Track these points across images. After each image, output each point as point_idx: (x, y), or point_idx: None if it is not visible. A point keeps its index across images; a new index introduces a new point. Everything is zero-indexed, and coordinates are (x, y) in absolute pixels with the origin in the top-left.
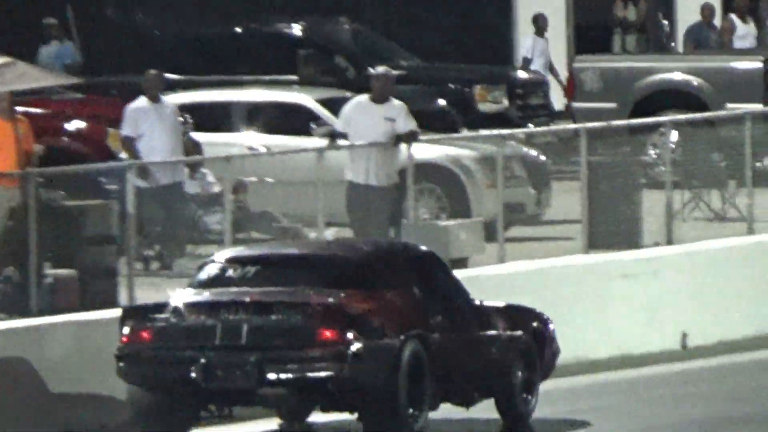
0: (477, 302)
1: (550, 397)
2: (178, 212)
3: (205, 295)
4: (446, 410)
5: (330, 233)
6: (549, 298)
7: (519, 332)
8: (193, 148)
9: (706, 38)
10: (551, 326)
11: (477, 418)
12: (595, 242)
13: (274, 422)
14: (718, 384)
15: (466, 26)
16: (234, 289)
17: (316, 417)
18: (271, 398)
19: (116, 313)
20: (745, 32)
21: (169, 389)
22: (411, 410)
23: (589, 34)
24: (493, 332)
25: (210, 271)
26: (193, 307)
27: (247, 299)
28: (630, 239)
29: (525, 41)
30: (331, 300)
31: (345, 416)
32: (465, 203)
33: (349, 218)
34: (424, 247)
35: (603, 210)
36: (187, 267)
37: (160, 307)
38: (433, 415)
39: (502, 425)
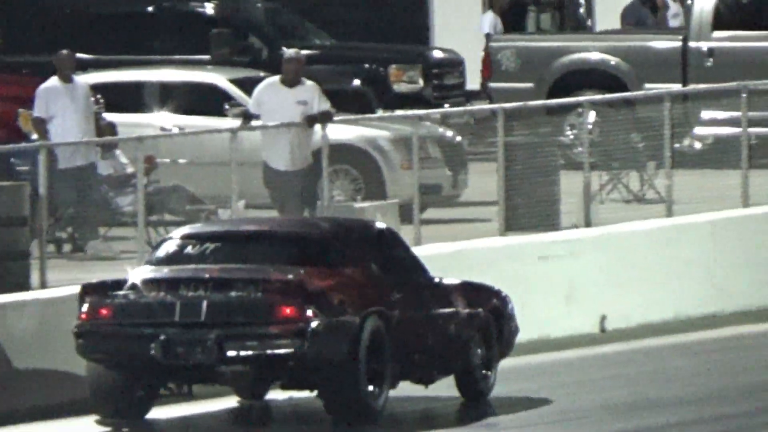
0: (436, 279)
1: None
2: (90, 194)
3: (164, 272)
4: (405, 389)
5: (241, 204)
6: None
7: (478, 310)
8: (110, 129)
9: (644, 17)
10: (510, 304)
11: (436, 396)
12: (512, 224)
13: (233, 400)
14: (639, 367)
15: (381, 5)
16: (193, 266)
17: (275, 395)
18: (230, 375)
19: (27, 296)
20: (677, 11)
21: (128, 366)
22: (371, 388)
23: (506, 13)
24: (452, 309)
25: (168, 247)
26: (152, 283)
27: (207, 276)
28: (548, 221)
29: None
30: (290, 277)
31: (305, 394)
32: (380, 185)
33: (270, 198)
34: (383, 225)
35: (520, 191)
36: (99, 249)
37: (119, 283)
38: (392, 393)
39: (462, 403)
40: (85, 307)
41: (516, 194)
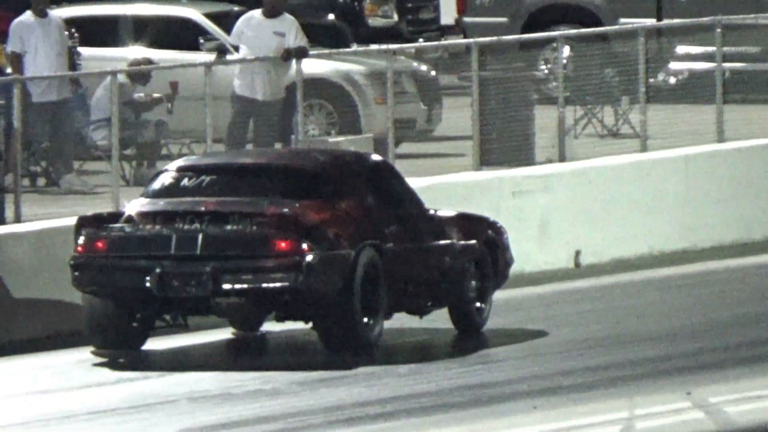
0: (431, 212)
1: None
2: (64, 129)
3: (160, 205)
4: (400, 319)
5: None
6: None
7: (473, 241)
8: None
9: None
10: (505, 235)
11: (431, 328)
12: (486, 159)
13: (229, 332)
14: (613, 302)
15: None
16: (189, 199)
17: (271, 326)
18: (225, 308)
19: (23, 227)
20: None
21: (124, 298)
22: (366, 319)
23: None
24: (446, 241)
25: (164, 180)
26: (148, 216)
27: (203, 209)
28: (522, 156)
29: None
30: (286, 210)
31: (300, 326)
32: (355, 119)
33: (228, 130)
34: (378, 157)
35: (494, 126)
36: (73, 183)
37: (115, 216)
38: (387, 324)
39: (456, 334)
40: (81, 240)
41: (490, 129)
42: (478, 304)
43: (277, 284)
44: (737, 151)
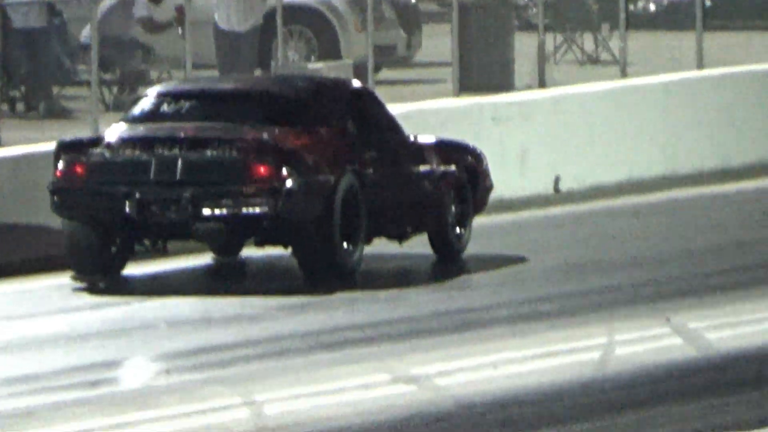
0: (411, 138)
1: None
2: (44, 54)
3: (140, 130)
4: (380, 245)
5: None
6: None
7: (452, 167)
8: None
9: None
10: (485, 161)
11: (410, 253)
12: (466, 85)
13: (208, 257)
14: (592, 228)
15: None
16: (169, 125)
17: (250, 251)
18: (205, 233)
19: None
20: None
21: (104, 224)
22: (345, 245)
23: None
24: (426, 167)
25: (144, 105)
26: (127, 141)
27: (182, 134)
28: (502, 82)
29: None
30: (265, 136)
31: (279, 251)
32: (335, 45)
33: (217, 61)
34: (358, 83)
35: (474, 52)
36: (52, 108)
37: (95, 141)
38: (367, 249)
39: (435, 260)
40: (60, 165)
41: (470, 55)
42: (457, 230)
43: (257, 210)
44: (717, 78)
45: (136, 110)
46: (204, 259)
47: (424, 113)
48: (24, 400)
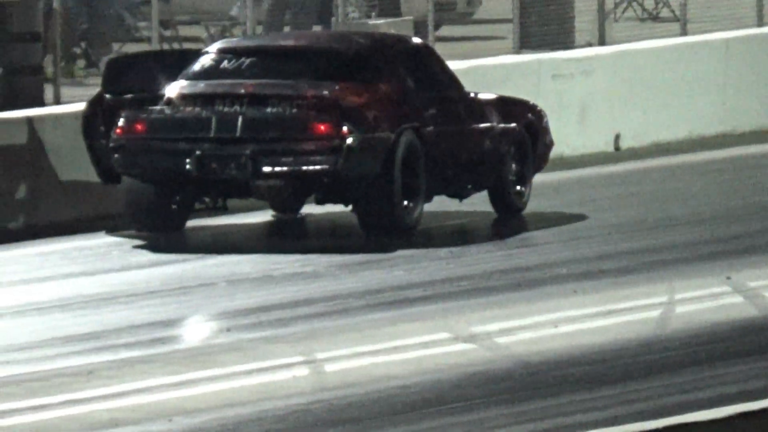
0: (471, 95)
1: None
2: (104, 10)
3: (200, 87)
4: (440, 203)
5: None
6: None
7: (513, 124)
8: None
9: None
10: (545, 118)
11: (470, 211)
12: (526, 42)
13: (268, 214)
14: (653, 186)
15: None
16: (229, 81)
17: (310, 209)
18: (265, 190)
19: (62, 109)
20: None
21: (164, 181)
22: (405, 202)
23: None
24: (486, 124)
25: (204, 62)
26: (187, 98)
27: (242, 91)
28: (562, 39)
29: None
30: (326, 93)
31: (339, 208)
32: (395, 2)
33: (266, 16)
34: (418, 40)
35: (535, 9)
36: None
37: (155, 98)
38: (427, 207)
39: (496, 218)
40: (120, 122)
41: (530, 12)
42: (518, 188)
43: (317, 167)
44: None
45: (197, 67)
46: (264, 216)
47: (484, 70)
48: (85, 358)
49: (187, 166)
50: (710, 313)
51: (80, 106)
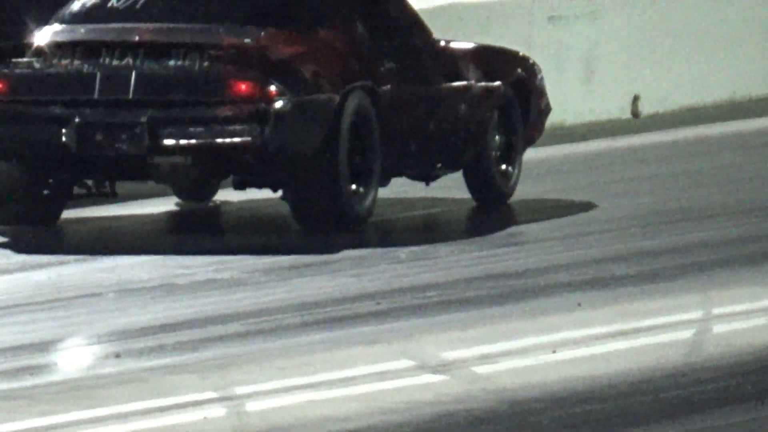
0: (442, 43)
1: None
2: None
3: (80, 33)
4: (400, 186)
5: None
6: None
7: (497, 83)
8: None
9: None
10: (540, 74)
11: (440, 198)
12: None
13: (171, 202)
14: (681, 165)
15: None
16: (118, 26)
17: (227, 194)
18: (167, 169)
19: None
20: None
21: (33, 158)
22: (354, 186)
23: None
24: (462, 83)
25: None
26: (63, 48)
27: (137, 38)
28: None
29: None
30: (247, 41)
31: (266, 194)
32: None
33: None
34: None
35: None
36: None
37: (20, 47)
38: (382, 192)
39: (474, 207)
40: None
41: None
42: (503, 167)
43: (236, 139)
44: None
45: (75, 5)
46: (165, 205)
47: (460, 8)
48: None
49: (63, 138)
50: (758, 334)
51: None
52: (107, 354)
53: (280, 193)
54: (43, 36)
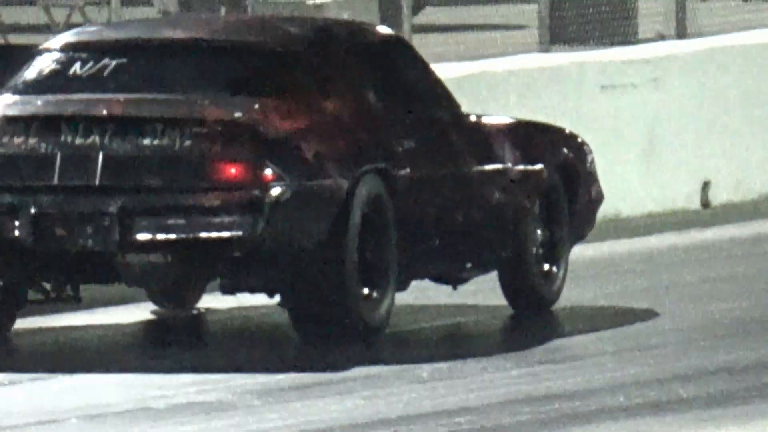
0: (472, 117)
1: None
2: None
3: (36, 105)
4: (422, 291)
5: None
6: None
7: (538, 165)
8: None
9: None
10: (590, 156)
11: (470, 304)
12: (559, 34)
13: (146, 309)
14: (760, 263)
15: None
16: (83, 96)
17: (213, 300)
18: (139, 270)
19: None
20: None
21: None
22: (366, 290)
23: None
24: (496, 165)
25: (43, 65)
26: (16, 123)
27: (105, 112)
28: (617, 29)
29: None
30: (237, 114)
31: (260, 300)
32: None
33: None
34: (387, 29)
35: None
36: None
37: None
38: (400, 297)
39: (510, 315)
40: None
41: None
42: (545, 267)
43: (224, 233)
44: None
45: (31, 73)
46: (139, 313)
47: (492, 78)
48: None
49: (16, 232)
50: None
51: None
52: None
53: (277, 298)
54: None
